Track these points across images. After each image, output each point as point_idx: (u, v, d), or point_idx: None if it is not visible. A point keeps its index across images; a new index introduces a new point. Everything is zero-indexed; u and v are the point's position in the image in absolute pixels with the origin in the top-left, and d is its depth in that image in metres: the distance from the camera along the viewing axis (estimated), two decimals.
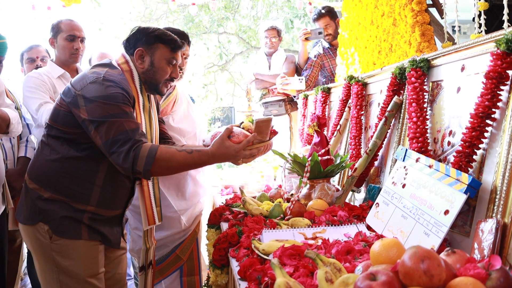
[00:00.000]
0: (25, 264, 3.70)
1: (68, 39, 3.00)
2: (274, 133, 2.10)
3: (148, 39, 2.08)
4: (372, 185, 2.20)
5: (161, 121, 2.40)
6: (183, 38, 2.46)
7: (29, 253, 3.61)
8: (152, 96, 2.25)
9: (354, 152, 2.44)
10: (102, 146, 1.89)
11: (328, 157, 2.24)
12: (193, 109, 3.02)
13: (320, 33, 4.09)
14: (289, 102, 4.37)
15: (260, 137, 2.02)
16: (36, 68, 3.39)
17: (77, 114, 1.90)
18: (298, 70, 4.48)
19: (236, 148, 1.94)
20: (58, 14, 4.68)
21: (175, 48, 2.11)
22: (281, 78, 3.98)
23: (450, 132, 1.71)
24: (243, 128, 2.04)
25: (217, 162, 2.04)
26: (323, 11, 4.17)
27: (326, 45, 4.28)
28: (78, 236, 1.97)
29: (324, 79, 4.30)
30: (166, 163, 1.91)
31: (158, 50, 2.08)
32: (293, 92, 4.14)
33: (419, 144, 1.79)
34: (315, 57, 4.24)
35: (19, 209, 2.06)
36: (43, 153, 2.01)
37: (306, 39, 4.20)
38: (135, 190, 2.22)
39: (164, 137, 2.38)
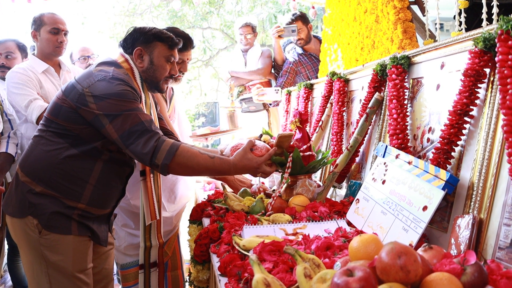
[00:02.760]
0: (5, 261, 3.65)
1: (52, 32, 2.98)
2: (292, 147, 2.14)
3: (146, 38, 2.11)
4: (353, 181, 2.22)
5: (160, 118, 2.41)
6: (188, 41, 2.57)
7: (9, 250, 3.57)
8: (151, 94, 2.27)
9: (335, 148, 2.45)
10: (118, 139, 1.89)
11: (310, 153, 2.25)
12: (182, 108, 3.07)
13: (293, 31, 4.12)
14: None
15: (279, 151, 2.06)
16: (0, 66, 3.37)
17: (86, 111, 1.90)
18: (275, 66, 4.50)
19: (258, 161, 1.98)
20: (39, 8, 4.62)
21: (172, 45, 2.15)
22: (257, 89, 4.00)
23: (430, 129, 1.72)
24: (264, 141, 2.08)
25: (237, 173, 2.08)
26: (295, 15, 4.21)
27: (300, 51, 4.30)
28: (68, 231, 1.96)
29: None
30: (186, 161, 1.91)
31: (156, 48, 2.12)
32: (269, 101, 4.17)
33: (399, 141, 1.81)
34: (290, 64, 4.26)
35: (8, 201, 2.04)
36: (38, 147, 2.00)
37: (279, 36, 4.22)
38: (125, 191, 2.23)
39: (166, 132, 2.38)
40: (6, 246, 3.44)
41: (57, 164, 1.95)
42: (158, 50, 2.13)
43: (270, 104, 4.28)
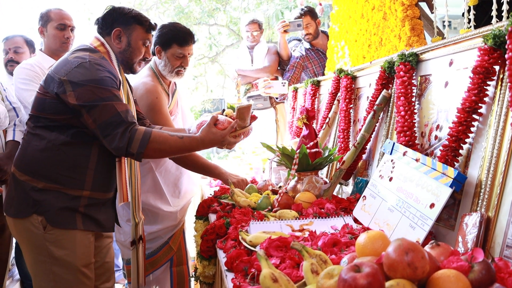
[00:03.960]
0: (12, 254, 3.67)
1: (59, 28, 2.99)
2: (254, 118, 2.25)
3: (125, 19, 2.14)
4: (360, 178, 2.22)
5: (136, 103, 2.42)
6: (190, 37, 2.62)
7: (17, 244, 3.59)
8: (126, 78, 2.30)
9: (342, 145, 2.45)
10: (95, 129, 1.92)
11: (317, 149, 2.25)
12: (186, 104, 3.07)
13: (299, 25, 4.10)
14: None
15: (241, 122, 2.17)
16: (9, 60, 3.43)
17: (66, 99, 1.91)
18: (280, 63, 4.49)
19: (222, 134, 2.08)
20: (46, 3, 4.63)
21: (149, 29, 2.20)
22: (263, 82, 3.99)
23: (438, 126, 1.72)
24: (226, 116, 2.17)
25: (205, 148, 2.14)
26: (303, 11, 4.18)
27: (307, 45, 4.29)
28: (73, 226, 1.98)
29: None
30: (159, 146, 1.99)
31: (135, 31, 2.15)
32: (276, 95, 4.16)
33: (406, 138, 1.80)
34: (297, 59, 4.25)
35: (9, 203, 2.03)
36: (32, 144, 2.00)
37: (285, 31, 4.21)
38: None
39: (140, 117, 2.40)
40: (14, 240, 3.46)
41: (54, 156, 1.96)
42: (136, 33, 2.15)
43: (277, 98, 4.28)
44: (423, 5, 2.79)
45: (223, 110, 2.25)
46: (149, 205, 2.66)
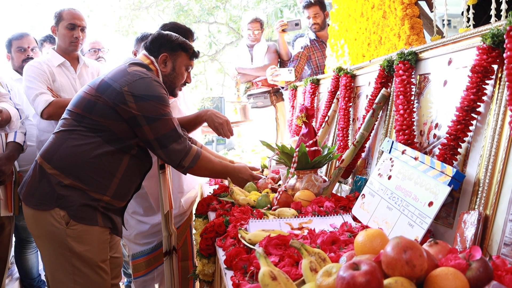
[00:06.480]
0: (12, 253, 3.68)
1: (69, 28, 3.04)
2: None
3: (172, 46, 2.27)
4: (359, 176, 2.22)
5: None
6: (189, 34, 2.81)
7: (16, 242, 3.60)
8: None
9: (341, 143, 2.45)
10: (154, 140, 2.08)
11: (316, 148, 2.25)
12: (187, 99, 3.10)
13: (296, 24, 4.11)
14: (274, 94, 4.39)
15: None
16: (27, 58, 3.49)
17: (124, 109, 2.03)
18: (280, 62, 4.49)
19: (251, 173, 2.50)
20: (47, 1, 4.63)
21: (193, 56, 2.34)
22: (270, 69, 3.99)
23: (436, 125, 1.72)
24: (266, 177, 2.56)
25: (234, 176, 2.41)
26: (313, 0, 4.16)
27: (313, 36, 4.28)
28: (94, 222, 2.05)
29: (310, 71, 4.31)
30: (205, 165, 2.27)
31: (180, 57, 2.29)
32: (282, 83, 4.16)
33: (405, 136, 1.81)
34: (302, 48, 4.24)
35: (30, 193, 2.06)
36: (68, 141, 2.05)
37: (283, 30, 4.21)
38: (141, 186, 2.38)
39: None
40: (13, 239, 3.46)
41: (89, 158, 2.02)
42: (181, 59, 2.29)
43: (283, 87, 4.27)
44: (423, 4, 2.80)
45: (262, 170, 2.79)
46: (153, 194, 2.68)
